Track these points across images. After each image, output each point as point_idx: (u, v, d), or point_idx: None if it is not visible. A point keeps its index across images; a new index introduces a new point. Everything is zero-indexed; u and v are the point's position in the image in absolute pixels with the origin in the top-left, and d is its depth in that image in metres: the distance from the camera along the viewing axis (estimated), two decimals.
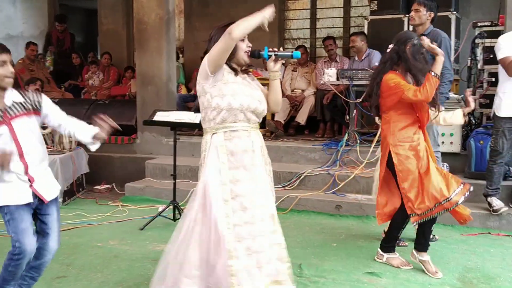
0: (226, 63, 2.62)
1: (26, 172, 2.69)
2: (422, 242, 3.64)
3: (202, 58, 2.66)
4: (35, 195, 2.73)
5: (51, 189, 2.84)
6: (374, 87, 3.63)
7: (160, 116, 4.85)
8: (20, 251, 2.69)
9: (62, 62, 9.62)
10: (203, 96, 2.65)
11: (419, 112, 3.57)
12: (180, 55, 9.40)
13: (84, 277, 3.52)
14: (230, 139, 2.62)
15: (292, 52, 2.77)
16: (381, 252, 3.77)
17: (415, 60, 3.48)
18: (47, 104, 2.81)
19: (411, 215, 3.51)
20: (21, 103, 2.70)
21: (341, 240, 4.35)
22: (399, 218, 3.66)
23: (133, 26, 7.42)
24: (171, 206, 4.81)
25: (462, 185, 3.48)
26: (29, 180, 2.70)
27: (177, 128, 4.87)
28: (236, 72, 2.67)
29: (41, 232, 2.85)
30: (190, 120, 4.74)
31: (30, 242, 2.72)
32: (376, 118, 3.99)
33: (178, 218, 4.78)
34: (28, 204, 2.72)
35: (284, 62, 2.95)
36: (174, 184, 4.82)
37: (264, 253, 2.61)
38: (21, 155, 2.66)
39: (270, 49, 2.72)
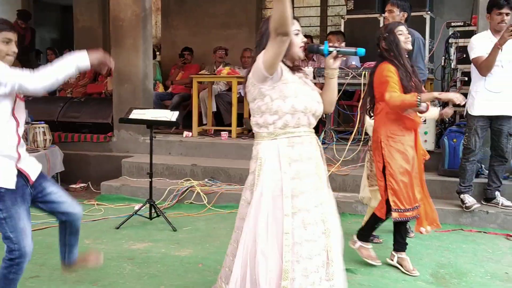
0: None
1: (17, 148, 2.59)
2: (400, 242, 3.67)
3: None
4: (21, 175, 2.59)
5: (35, 166, 2.73)
6: (368, 89, 3.65)
7: (136, 114, 4.80)
8: (21, 254, 2.54)
9: (23, 59, 9.44)
10: (260, 100, 2.36)
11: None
12: (157, 53, 9.35)
13: (58, 276, 3.48)
14: (292, 145, 2.35)
15: (356, 48, 2.46)
16: (355, 239, 3.79)
17: (394, 51, 3.48)
18: None
19: (395, 210, 3.50)
20: None
21: None
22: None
23: (109, 23, 7.34)
24: (148, 205, 4.77)
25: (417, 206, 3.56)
26: (17, 157, 2.59)
27: (153, 126, 4.84)
28: (292, 70, 2.44)
29: (56, 210, 2.79)
30: (166, 118, 4.71)
31: (29, 243, 2.58)
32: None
33: (155, 217, 4.77)
34: (23, 198, 2.59)
35: (345, 58, 2.67)
36: (151, 182, 4.79)
37: (319, 273, 2.34)
38: (17, 129, 2.60)
39: (331, 44, 2.49)
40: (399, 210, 3.49)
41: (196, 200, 5.42)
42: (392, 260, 3.68)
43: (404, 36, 3.55)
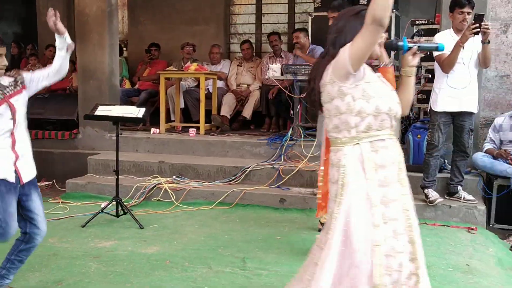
0: None
1: (13, 148, 2.81)
2: None
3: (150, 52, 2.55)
4: (16, 175, 2.83)
5: (29, 170, 2.94)
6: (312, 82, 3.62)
7: (101, 111, 4.73)
8: (4, 231, 2.80)
9: None
10: (340, 99, 2.17)
11: None
12: (124, 49, 9.22)
13: (21, 276, 3.39)
14: (376, 150, 2.17)
15: (437, 43, 2.33)
16: None
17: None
18: (27, 75, 2.97)
19: None
20: (13, 82, 2.87)
21: (285, 233, 4.41)
22: None
23: (74, 18, 7.21)
24: (114, 203, 4.71)
25: None
26: (15, 156, 2.81)
27: (120, 123, 4.77)
28: (373, 68, 2.26)
29: (27, 219, 2.94)
30: (132, 115, 4.64)
31: (14, 226, 2.85)
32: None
33: (122, 214, 4.72)
34: (15, 191, 2.83)
35: (423, 55, 2.44)
36: (117, 180, 4.73)
37: (406, 286, 2.19)
38: (12, 131, 2.80)
39: (410, 40, 2.31)
40: None
41: (163, 197, 5.38)
42: None
43: None
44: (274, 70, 6.15)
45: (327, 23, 6.46)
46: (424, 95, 5.75)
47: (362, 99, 2.14)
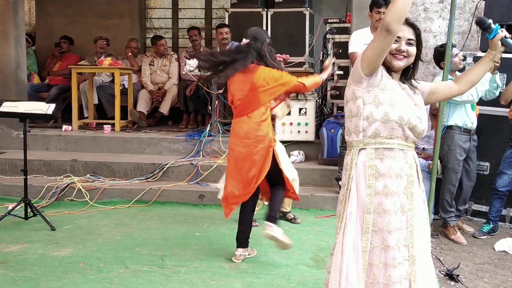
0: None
1: None
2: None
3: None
4: None
5: None
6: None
7: (7, 107, 4.44)
8: None
9: None
10: (352, 102, 2.18)
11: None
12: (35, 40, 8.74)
13: None
14: (381, 158, 2.14)
15: None
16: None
17: (272, 58, 3.64)
18: None
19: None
20: None
21: (204, 229, 4.40)
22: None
23: None
24: (23, 204, 4.46)
25: None
26: None
27: (30, 120, 4.52)
28: (390, 73, 2.22)
29: None
30: (41, 111, 4.41)
31: None
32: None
33: (31, 216, 4.49)
34: None
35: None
36: (25, 180, 4.47)
37: None
38: None
39: (502, 29, 2.27)
40: None
41: (77, 197, 5.17)
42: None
43: None
44: (191, 65, 6.08)
45: (244, 19, 6.58)
46: (337, 91, 5.95)
47: (372, 104, 2.13)
